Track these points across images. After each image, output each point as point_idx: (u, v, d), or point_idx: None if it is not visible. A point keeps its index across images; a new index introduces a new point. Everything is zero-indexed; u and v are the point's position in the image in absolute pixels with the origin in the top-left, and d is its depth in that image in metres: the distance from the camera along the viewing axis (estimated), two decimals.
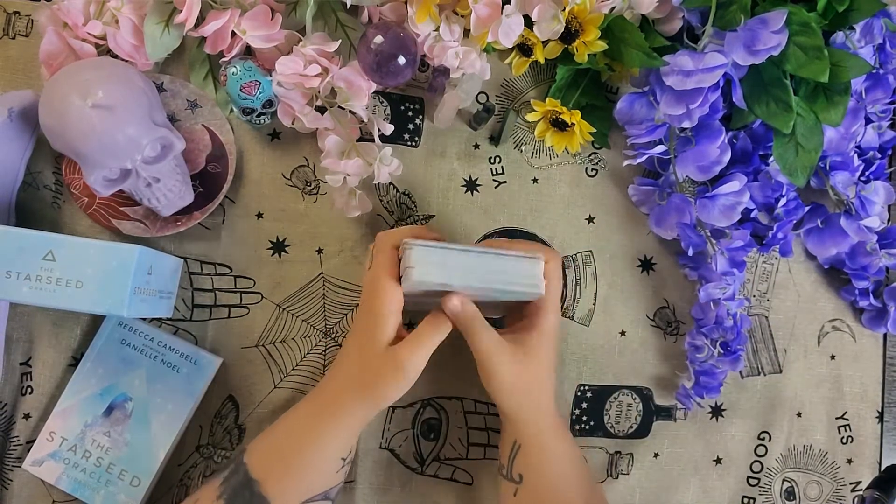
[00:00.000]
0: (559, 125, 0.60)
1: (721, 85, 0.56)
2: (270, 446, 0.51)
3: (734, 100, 0.58)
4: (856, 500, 0.68)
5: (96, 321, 0.58)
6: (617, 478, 0.65)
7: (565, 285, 0.64)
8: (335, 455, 0.51)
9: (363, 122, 0.58)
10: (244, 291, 0.60)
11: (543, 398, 0.53)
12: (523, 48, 0.60)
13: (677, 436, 0.65)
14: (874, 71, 0.61)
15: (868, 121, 0.64)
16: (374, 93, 0.60)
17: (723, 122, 0.60)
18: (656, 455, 0.65)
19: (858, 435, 0.68)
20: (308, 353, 0.61)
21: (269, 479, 0.49)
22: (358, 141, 0.59)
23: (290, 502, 0.50)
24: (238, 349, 0.60)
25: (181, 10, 0.54)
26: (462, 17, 0.58)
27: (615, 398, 0.65)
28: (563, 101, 0.61)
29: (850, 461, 0.68)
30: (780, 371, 0.67)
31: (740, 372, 0.67)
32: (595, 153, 0.65)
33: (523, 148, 0.64)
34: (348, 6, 0.56)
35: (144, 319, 0.58)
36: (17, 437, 0.58)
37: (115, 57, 0.56)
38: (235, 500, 0.49)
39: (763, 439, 0.67)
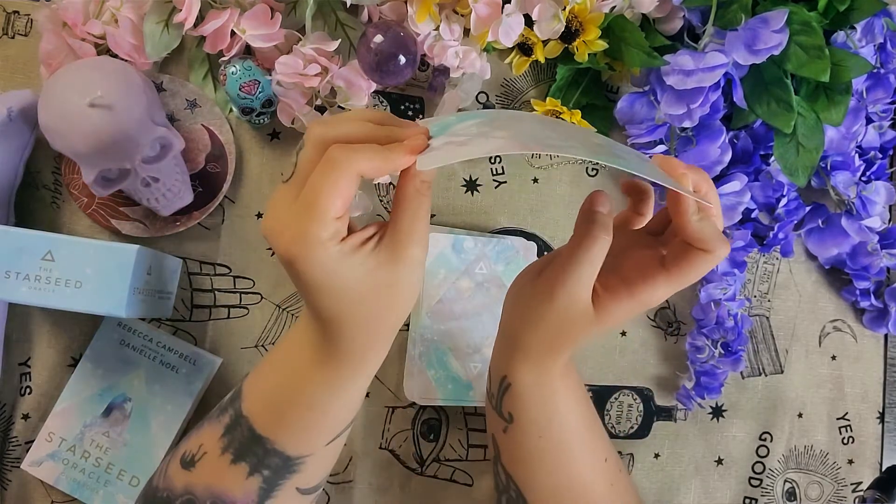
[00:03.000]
0: None
1: (722, 84, 0.56)
2: (274, 405, 0.42)
3: (735, 99, 0.58)
4: (857, 500, 0.68)
5: (95, 321, 0.58)
6: None
7: None
8: (360, 389, 0.43)
9: None
10: (244, 292, 0.60)
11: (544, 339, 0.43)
12: (523, 47, 0.60)
13: (678, 436, 0.65)
14: (875, 70, 0.61)
15: (869, 120, 0.64)
16: (373, 92, 0.60)
17: (723, 121, 0.60)
18: (657, 455, 0.65)
19: (859, 435, 0.68)
20: None
21: (281, 436, 0.42)
22: None
23: (314, 447, 0.43)
24: (237, 349, 0.60)
25: (181, 10, 0.54)
26: (462, 16, 0.58)
27: (616, 398, 0.65)
28: (563, 100, 0.61)
29: (851, 462, 0.68)
30: (782, 371, 0.67)
31: (741, 372, 0.67)
32: None
33: None
34: (348, 5, 0.56)
35: (144, 320, 0.58)
36: (15, 437, 0.58)
37: (115, 56, 0.56)
38: (246, 455, 0.42)
39: (764, 440, 0.67)
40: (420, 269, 0.38)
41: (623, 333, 0.65)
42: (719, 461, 0.66)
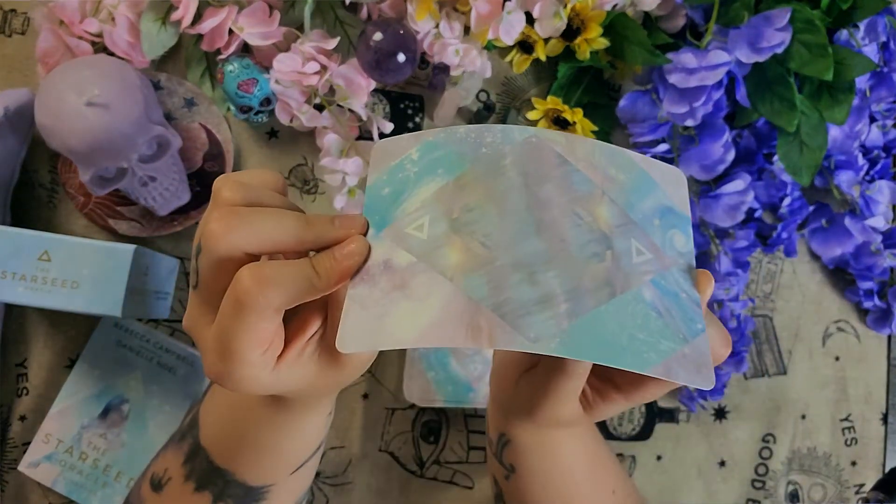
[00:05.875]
0: (561, 124, 0.59)
1: (724, 83, 0.56)
2: (228, 439, 0.40)
3: (738, 98, 0.57)
4: (860, 502, 0.67)
5: (92, 322, 0.57)
6: None
7: None
8: (319, 423, 0.41)
9: (362, 120, 0.58)
10: None
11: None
12: (524, 45, 0.59)
13: (680, 438, 0.65)
14: (878, 69, 0.60)
15: (872, 119, 0.63)
16: (373, 90, 0.59)
17: (726, 120, 0.59)
18: (659, 458, 0.65)
19: (863, 437, 0.68)
20: None
21: (240, 469, 0.40)
22: (357, 139, 0.58)
23: (277, 478, 0.41)
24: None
25: (178, 8, 0.54)
26: (462, 13, 0.57)
27: None
28: (564, 99, 0.61)
29: (854, 463, 0.67)
30: (785, 373, 0.67)
31: (744, 373, 0.66)
32: None
33: None
34: (347, 3, 0.56)
35: (141, 320, 0.58)
36: (12, 438, 0.57)
37: (112, 55, 0.56)
38: (208, 485, 0.41)
39: (767, 441, 0.66)
40: (365, 364, 0.35)
41: None
42: (722, 463, 0.65)
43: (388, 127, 0.57)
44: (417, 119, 0.62)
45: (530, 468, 0.44)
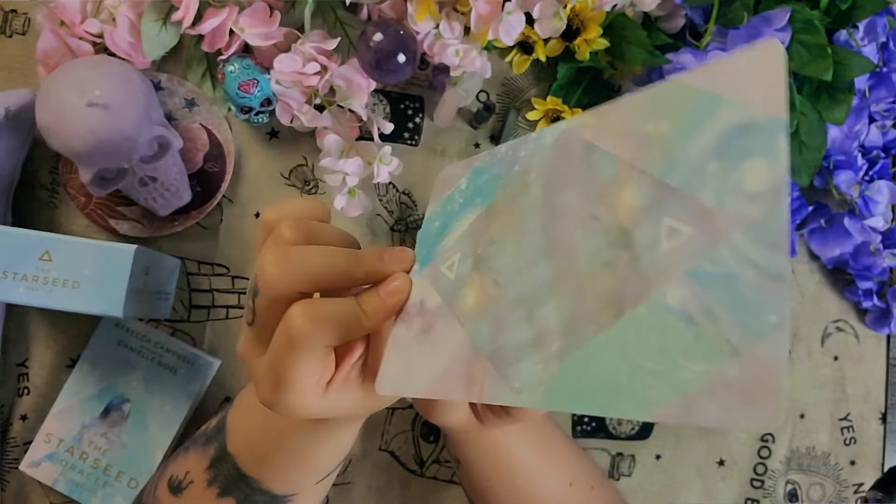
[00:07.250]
0: None
1: None
2: (257, 447, 0.41)
3: None
4: (858, 501, 0.67)
5: (93, 322, 0.58)
6: (619, 479, 0.64)
7: None
8: (353, 435, 0.41)
9: (362, 120, 0.58)
10: (242, 292, 0.60)
11: None
12: (524, 46, 0.60)
13: (680, 437, 0.65)
14: (878, 69, 0.60)
15: (872, 119, 0.63)
16: (373, 91, 0.59)
17: None
18: (658, 457, 0.65)
19: (861, 436, 0.68)
20: None
21: (267, 477, 0.41)
22: (357, 140, 0.58)
23: (303, 487, 0.41)
24: (236, 350, 0.59)
25: (179, 8, 0.54)
26: (462, 14, 0.57)
27: None
28: (564, 99, 0.61)
29: (853, 463, 0.68)
30: None
31: None
32: None
33: None
34: (347, 3, 0.56)
35: (142, 320, 0.58)
36: (14, 438, 0.57)
37: (112, 55, 0.56)
38: (232, 490, 0.41)
39: (766, 441, 0.66)
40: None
41: None
42: (721, 462, 0.66)
43: (388, 127, 0.57)
44: (417, 119, 0.62)
45: (470, 461, 0.46)
